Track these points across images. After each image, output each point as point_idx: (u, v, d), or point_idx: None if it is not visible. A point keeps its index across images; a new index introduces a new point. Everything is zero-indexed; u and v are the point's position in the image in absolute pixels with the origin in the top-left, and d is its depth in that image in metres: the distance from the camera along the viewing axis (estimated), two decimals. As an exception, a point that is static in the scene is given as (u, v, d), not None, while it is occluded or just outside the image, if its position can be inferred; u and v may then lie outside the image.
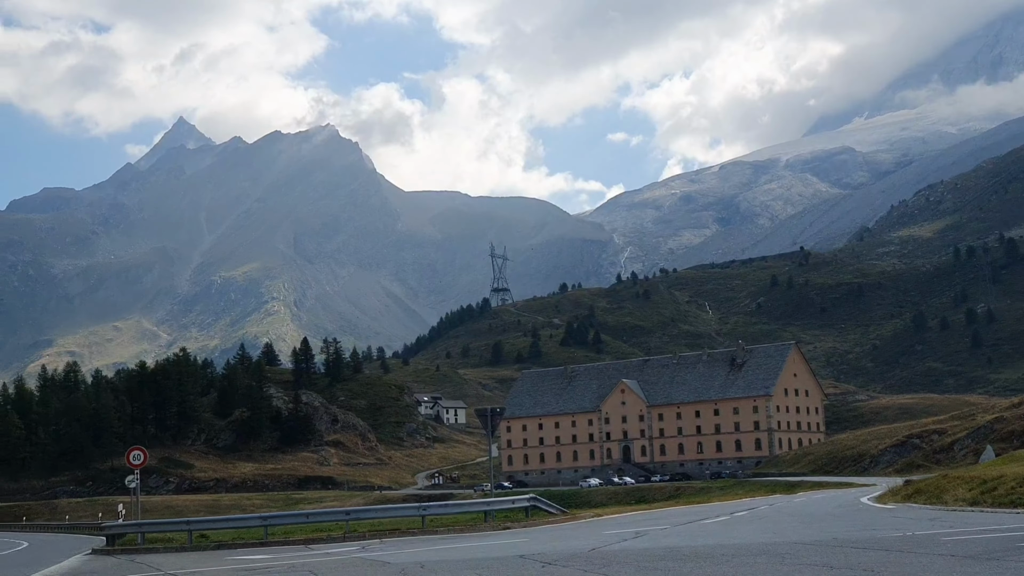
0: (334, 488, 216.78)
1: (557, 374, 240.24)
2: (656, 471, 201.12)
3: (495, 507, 52.53)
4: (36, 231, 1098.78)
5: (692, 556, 24.58)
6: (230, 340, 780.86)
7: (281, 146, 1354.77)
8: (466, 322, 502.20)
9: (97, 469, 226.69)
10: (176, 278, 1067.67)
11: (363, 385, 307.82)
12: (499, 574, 22.57)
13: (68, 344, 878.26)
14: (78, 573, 33.30)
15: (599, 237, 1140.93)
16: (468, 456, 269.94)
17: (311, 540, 46.43)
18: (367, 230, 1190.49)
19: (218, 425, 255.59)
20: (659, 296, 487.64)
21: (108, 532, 54.38)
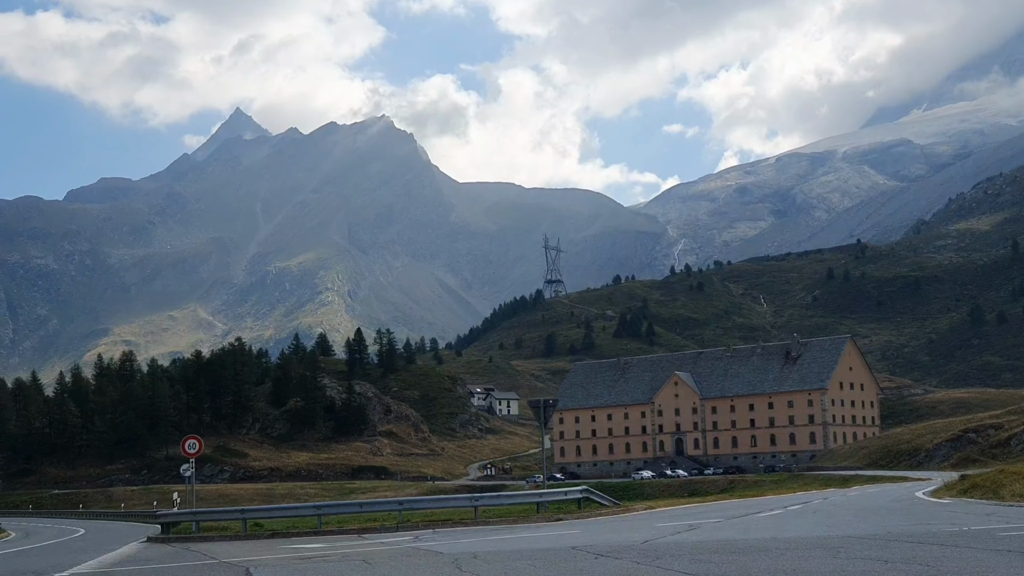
0: (387, 478, 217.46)
1: (610, 366, 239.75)
2: (709, 464, 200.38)
3: (548, 498, 52.54)
4: (94, 221, 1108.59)
5: (745, 549, 24.49)
6: (285, 330, 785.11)
7: (336, 137, 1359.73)
8: (519, 313, 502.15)
9: (152, 458, 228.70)
10: (232, 268, 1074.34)
11: (416, 376, 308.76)
12: (552, 565, 22.57)
13: (124, 333, 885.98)
14: (134, 560, 33.61)
15: (653, 229, 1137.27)
16: (520, 447, 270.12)
17: (365, 529, 46.59)
18: (421, 221, 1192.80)
19: (272, 414, 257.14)
20: (713, 288, 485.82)
21: (163, 520, 54.85)
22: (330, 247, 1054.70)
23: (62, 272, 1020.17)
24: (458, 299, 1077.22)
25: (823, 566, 20.19)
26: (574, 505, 53.00)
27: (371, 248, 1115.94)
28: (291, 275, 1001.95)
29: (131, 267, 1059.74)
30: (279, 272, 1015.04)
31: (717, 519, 40.03)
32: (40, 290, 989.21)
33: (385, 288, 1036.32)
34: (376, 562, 26.37)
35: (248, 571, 25.69)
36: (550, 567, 22.22)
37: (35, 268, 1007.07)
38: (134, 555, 36.64)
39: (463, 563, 24.32)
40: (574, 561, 23.26)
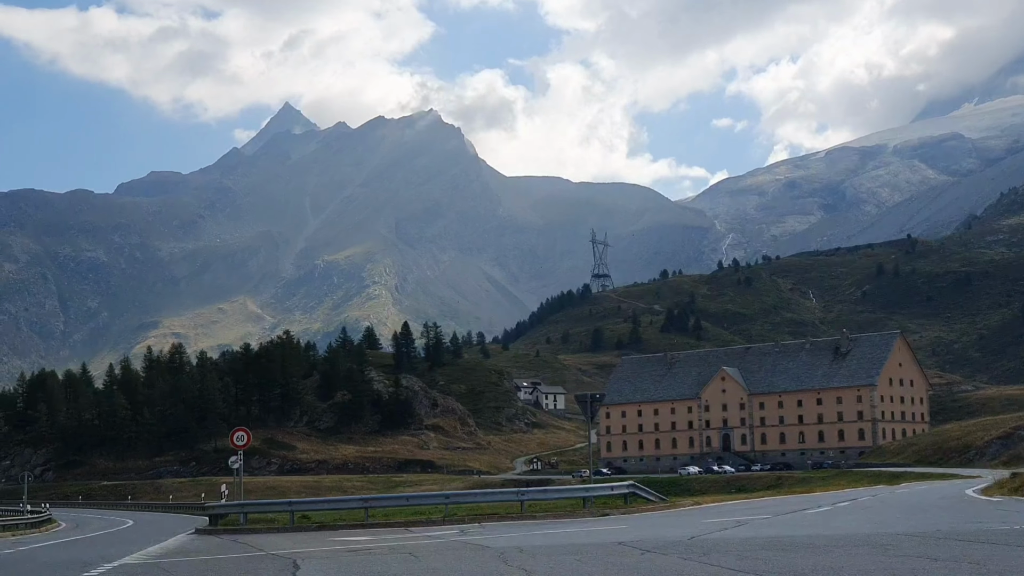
0: (433, 472, 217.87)
1: (657, 360, 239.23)
2: (756, 460, 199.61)
3: (594, 493, 52.48)
4: (144, 214, 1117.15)
5: (793, 546, 24.34)
6: (332, 323, 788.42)
7: (384, 131, 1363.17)
8: (566, 308, 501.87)
9: (201, 450, 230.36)
10: (280, 262, 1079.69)
11: (463, 370, 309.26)
12: (598, 560, 22.53)
13: (174, 326, 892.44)
14: (182, 552, 33.82)
15: (701, 223, 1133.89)
16: (567, 442, 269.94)
17: (411, 523, 46.68)
18: (468, 215, 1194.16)
19: (320, 407, 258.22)
20: (761, 283, 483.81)
21: (211, 512, 55.17)
22: (377, 241, 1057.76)
23: (112, 265, 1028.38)
24: (505, 293, 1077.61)
25: (871, 563, 20.04)
26: (620, 500, 52.93)
27: (418, 242, 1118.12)
28: (339, 269, 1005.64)
29: (181, 260, 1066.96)
30: (327, 266, 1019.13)
31: (765, 515, 39.84)
32: (90, 283, 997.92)
33: (432, 282, 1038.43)
34: (422, 555, 26.42)
35: (295, 563, 25.80)
36: (596, 562, 22.18)
37: (86, 261, 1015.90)
38: (182, 547, 36.88)
39: (509, 557, 24.32)
40: (620, 556, 23.21)
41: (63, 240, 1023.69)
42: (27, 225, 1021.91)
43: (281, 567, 25.29)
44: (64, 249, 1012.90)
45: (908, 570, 18.83)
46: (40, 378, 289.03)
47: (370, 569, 23.37)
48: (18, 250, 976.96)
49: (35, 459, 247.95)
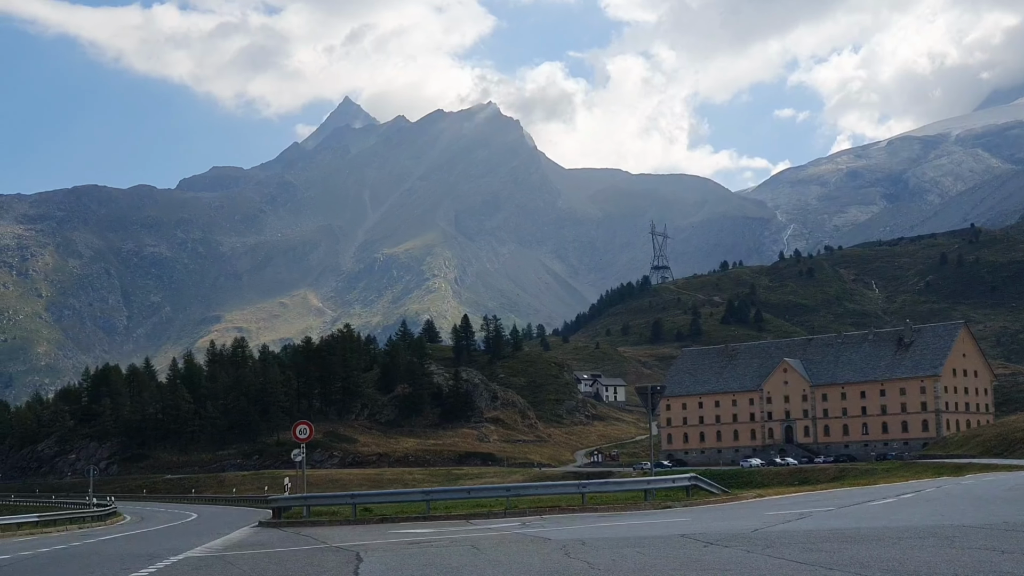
0: (494, 464, 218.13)
1: (718, 352, 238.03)
2: (819, 452, 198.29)
3: (655, 486, 52.31)
4: (206, 209, 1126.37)
5: (857, 538, 24.17)
6: (392, 316, 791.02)
7: (443, 124, 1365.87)
8: (626, 300, 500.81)
9: (264, 443, 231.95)
10: (340, 255, 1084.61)
11: (523, 362, 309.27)
12: (660, 553, 22.45)
13: (236, 320, 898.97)
14: (246, 545, 34.06)
15: (761, 214, 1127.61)
16: (627, 434, 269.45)
17: (472, 515, 46.77)
18: (527, 208, 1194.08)
19: (381, 400, 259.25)
20: (823, 274, 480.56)
21: (274, 505, 55.53)
22: (437, 234, 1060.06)
23: (175, 260, 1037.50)
24: (564, 285, 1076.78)
25: (937, 555, 19.85)
26: (682, 493, 52.72)
27: (478, 235, 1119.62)
28: (398, 262, 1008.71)
29: (243, 255, 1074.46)
30: (387, 259, 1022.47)
31: (828, 507, 39.56)
32: (153, 277, 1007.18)
33: (492, 275, 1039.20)
34: (484, 547, 26.45)
35: (358, 555, 25.92)
36: (659, 555, 22.12)
37: (149, 256, 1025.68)
38: (246, 539, 37.15)
39: (571, 550, 24.30)
40: (683, 549, 23.13)
41: (126, 235, 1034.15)
42: (91, 221, 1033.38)
43: (344, 560, 25.41)
44: (127, 244, 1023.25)
45: (974, 562, 18.64)
46: (104, 373, 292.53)
47: (432, 561, 23.43)
48: (82, 246, 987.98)
49: (100, 453, 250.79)
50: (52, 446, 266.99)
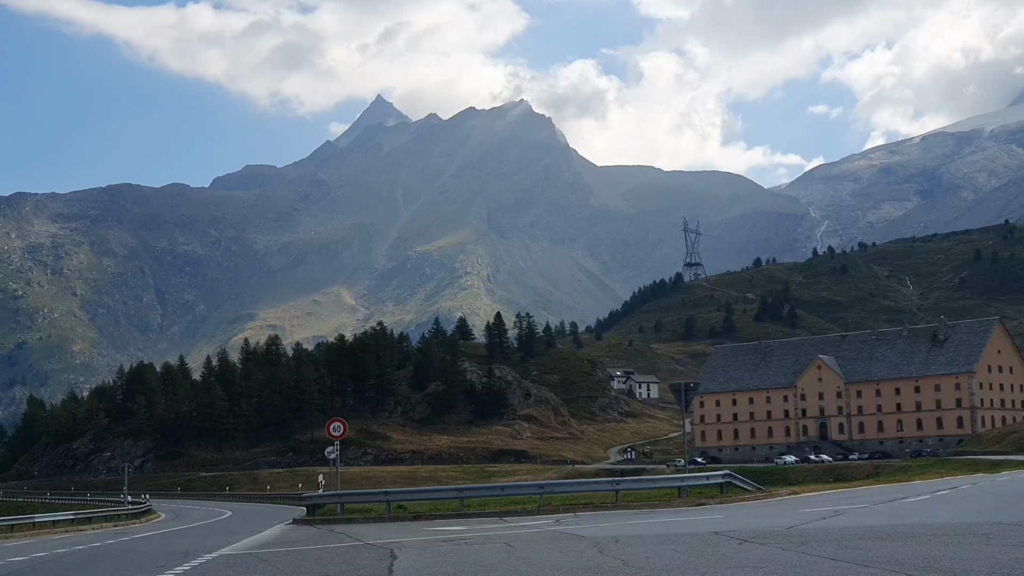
0: (527, 461, 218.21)
1: (751, 349, 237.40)
2: (854, 449, 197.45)
3: (689, 483, 52.23)
4: (239, 207, 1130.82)
5: (893, 535, 24.06)
6: (425, 314, 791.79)
7: (475, 122, 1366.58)
8: (659, 297, 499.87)
9: (298, 440, 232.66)
10: (373, 253, 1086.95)
11: (556, 360, 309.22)
12: (695, 550, 22.40)
13: (270, 318, 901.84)
14: (280, 542, 34.18)
15: (794, 211, 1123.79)
16: (660, 431, 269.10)
17: (506, 512, 46.79)
18: (560, 205, 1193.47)
19: (414, 398, 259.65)
20: (857, 270, 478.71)
21: (308, 502, 55.72)
22: (469, 231, 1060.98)
23: (209, 258, 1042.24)
24: (597, 283, 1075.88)
25: (974, 553, 19.74)
26: (716, 490, 52.59)
27: (510, 232, 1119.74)
28: (431, 259, 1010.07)
29: (276, 253, 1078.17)
30: (419, 257, 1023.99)
31: (863, 505, 39.40)
32: (187, 276, 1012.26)
33: (524, 272, 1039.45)
34: (518, 545, 26.46)
35: (393, 553, 25.97)
36: (693, 552, 22.07)
37: (182, 254, 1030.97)
38: (280, 536, 37.29)
39: (605, 547, 24.28)
40: (717, 546, 23.08)
41: (160, 234, 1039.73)
42: (125, 220, 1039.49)
43: (379, 557, 25.46)
44: (161, 243, 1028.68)
45: (1011, 560, 18.52)
46: (139, 371, 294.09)
47: (467, 559, 23.45)
48: (116, 244, 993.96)
49: (135, 451, 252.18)
50: (87, 444, 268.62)
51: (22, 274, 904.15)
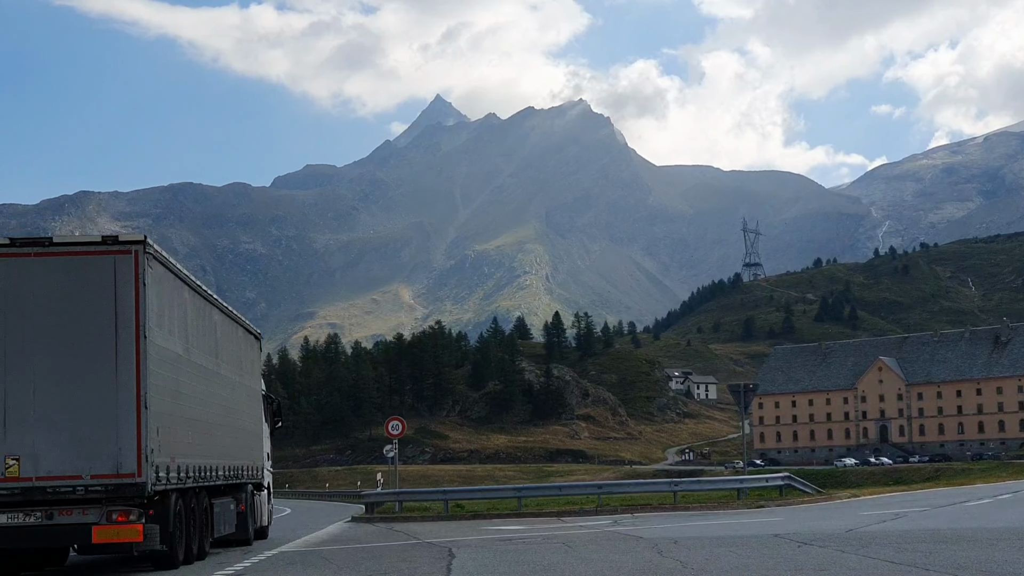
0: (584, 462, 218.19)
1: (811, 350, 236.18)
2: (914, 452, 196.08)
3: (748, 485, 52.06)
4: (299, 206, 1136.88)
5: (954, 539, 23.91)
6: (483, 313, 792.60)
7: (534, 121, 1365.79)
8: (717, 297, 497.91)
9: (356, 438, 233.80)
10: (432, 252, 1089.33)
11: (614, 359, 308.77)
12: (754, 553, 22.35)
13: (329, 316, 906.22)
14: (339, 539, 34.41)
15: (855, 211, 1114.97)
16: (719, 432, 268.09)
17: (563, 512, 46.82)
18: (618, 205, 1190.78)
19: (472, 397, 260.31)
20: (919, 271, 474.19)
21: (367, 500, 55.98)
22: (528, 231, 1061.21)
23: (270, 257, 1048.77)
24: (655, 282, 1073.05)
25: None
26: (775, 492, 52.39)
27: (569, 232, 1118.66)
28: (489, 259, 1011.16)
29: (336, 251, 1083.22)
30: (477, 256, 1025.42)
31: (924, 508, 39.13)
32: (248, 274, 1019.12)
33: (583, 271, 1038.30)
34: (576, 545, 26.50)
35: (451, 551, 26.08)
36: (752, 554, 22.03)
37: (244, 253, 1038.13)
38: (339, 534, 37.53)
39: (663, 548, 24.28)
40: (776, 548, 23.01)
41: (222, 233, 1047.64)
42: (186, 218, 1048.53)
43: (437, 555, 25.58)
44: (222, 242, 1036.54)
45: (1076, 566, 18.35)
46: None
47: (525, 558, 23.52)
48: (178, 243, 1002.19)
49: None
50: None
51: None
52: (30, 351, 20.44)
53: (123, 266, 20.79)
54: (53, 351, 20.50)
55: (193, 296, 24.81)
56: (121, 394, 20.43)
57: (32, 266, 20.84)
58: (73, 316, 20.65)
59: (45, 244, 21.14)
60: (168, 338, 22.11)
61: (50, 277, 20.78)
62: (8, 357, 20.38)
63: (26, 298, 20.63)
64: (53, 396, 20.36)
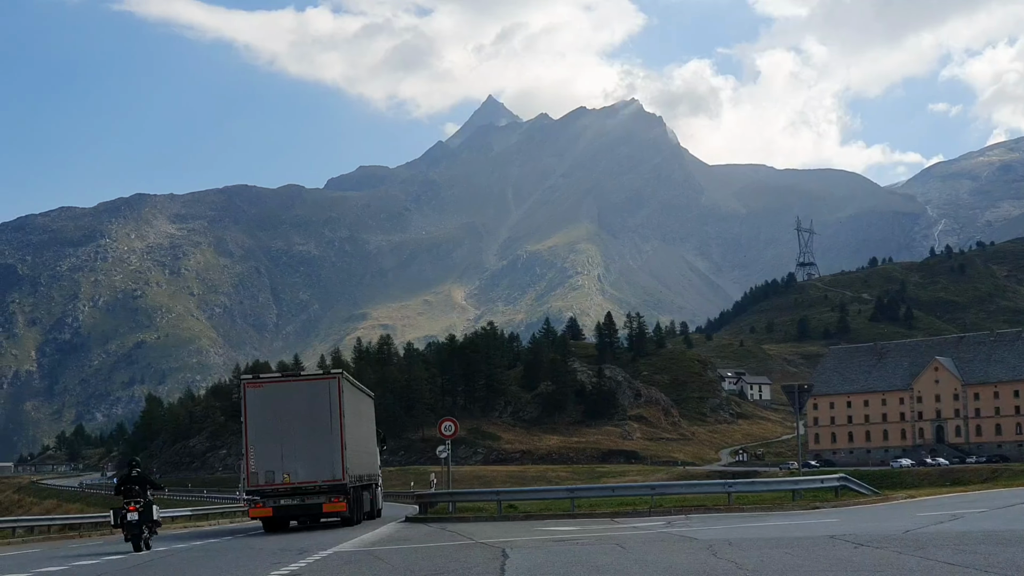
0: (637, 462, 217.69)
1: (866, 350, 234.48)
2: (971, 452, 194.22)
3: (803, 486, 51.73)
4: (353, 208, 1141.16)
5: (1013, 540, 23.64)
6: (535, 314, 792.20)
7: (586, 121, 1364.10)
8: (770, 297, 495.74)
9: (409, 439, 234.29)
10: (484, 253, 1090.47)
11: (666, 360, 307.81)
12: (809, 554, 22.20)
13: (382, 317, 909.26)
14: (393, 540, 34.48)
15: (911, 209, 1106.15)
16: (772, 433, 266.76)
17: (616, 513, 46.70)
18: (670, 204, 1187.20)
19: (524, 398, 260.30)
20: (975, 270, 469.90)
21: (421, 500, 56.13)
22: (580, 231, 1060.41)
23: (323, 258, 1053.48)
24: (708, 282, 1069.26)
25: (1099, 561, 19.33)
26: (831, 493, 52.00)
27: (621, 232, 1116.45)
28: (541, 259, 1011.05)
29: (388, 253, 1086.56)
30: (529, 256, 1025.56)
31: (981, 509, 38.72)
32: (302, 275, 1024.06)
33: (635, 272, 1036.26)
34: (630, 546, 26.42)
35: (504, 552, 26.07)
36: (807, 556, 21.88)
37: (297, 254, 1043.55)
38: (393, 534, 37.61)
39: (718, 549, 24.16)
40: (832, 550, 22.85)
41: (276, 234, 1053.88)
42: (241, 220, 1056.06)
43: (491, 556, 25.58)
44: (276, 243, 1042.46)
45: None
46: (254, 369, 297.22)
47: (579, 559, 23.49)
48: (232, 245, 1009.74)
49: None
50: (203, 441, 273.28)
51: (141, 274, 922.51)
52: (294, 425, 43.45)
53: (334, 384, 44.21)
54: (304, 424, 43.64)
55: (356, 392, 50.01)
56: (334, 443, 43.40)
57: (293, 386, 45.29)
58: (312, 408, 43.78)
59: (299, 375, 50.57)
60: (351, 416, 45.09)
61: (301, 390, 44.93)
62: (285, 428, 43.23)
63: (291, 401, 44.02)
64: (304, 445, 43.43)
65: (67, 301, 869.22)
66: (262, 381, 45.63)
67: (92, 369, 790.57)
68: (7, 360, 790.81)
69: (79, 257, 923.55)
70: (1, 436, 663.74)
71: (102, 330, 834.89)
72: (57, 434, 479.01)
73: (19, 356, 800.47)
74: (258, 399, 44.30)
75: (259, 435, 43.75)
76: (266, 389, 44.65)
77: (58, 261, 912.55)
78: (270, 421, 43.61)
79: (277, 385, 45.14)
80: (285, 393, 44.44)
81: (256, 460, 43.52)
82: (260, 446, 43.58)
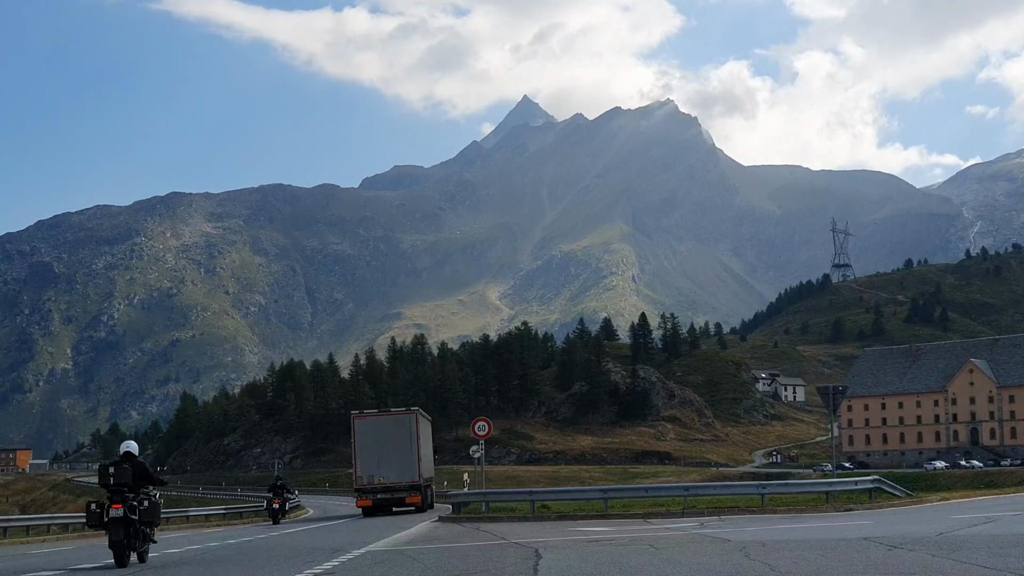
0: (670, 463, 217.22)
1: (901, 352, 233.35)
2: (1006, 455, 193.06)
3: (837, 488, 51.56)
4: (387, 207, 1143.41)
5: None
6: (569, 314, 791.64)
7: (621, 122, 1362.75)
8: (805, 298, 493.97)
9: (443, 439, 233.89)
10: (518, 253, 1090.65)
11: (700, 361, 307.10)
12: (843, 556, 22.17)
13: (416, 317, 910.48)
14: (426, 539, 34.58)
15: (947, 211, 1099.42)
16: (806, 435, 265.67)
17: (650, 514, 46.68)
18: (705, 205, 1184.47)
19: (558, 398, 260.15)
20: (1011, 272, 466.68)
21: (454, 500, 56.23)
22: (614, 231, 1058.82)
23: (357, 257, 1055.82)
24: (742, 283, 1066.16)
25: None
26: (865, 495, 51.82)
27: (655, 232, 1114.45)
28: (576, 259, 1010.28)
29: (422, 252, 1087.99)
30: (564, 256, 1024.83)
31: (1017, 511, 38.54)
32: (337, 275, 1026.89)
33: (669, 272, 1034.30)
34: (663, 547, 26.44)
35: (538, 552, 26.13)
36: (841, 558, 21.86)
37: (332, 254, 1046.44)
38: (426, 533, 37.72)
39: (751, 551, 24.16)
40: (866, 552, 22.81)
41: (311, 233, 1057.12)
42: (276, 219, 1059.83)
43: (524, 556, 25.65)
44: (311, 242, 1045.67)
45: None
46: (289, 368, 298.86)
47: (612, 560, 23.52)
48: (268, 244, 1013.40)
49: (284, 447, 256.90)
50: (238, 440, 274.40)
51: (176, 273, 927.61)
52: (387, 447, 64.55)
53: (412, 417, 66.19)
54: (393, 446, 64.54)
55: (423, 420, 69.66)
56: (412, 457, 64.45)
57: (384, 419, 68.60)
58: (398, 432, 65.24)
59: (389, 411, 78.34)
60: (422, 438, 66.25)
61: (390, 420, 67.57)
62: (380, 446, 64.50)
63: (384, 427, 66.14)
64: (392, 457, 64.23)
65: (103, 299, 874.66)
66: (365, 415, 68.71)
67: (127, 367, 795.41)
68: (43, 358, 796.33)
69: (115, 255, 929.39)
70: (36, 434, 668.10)
71: (137, 328, 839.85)
72: (92, 432, 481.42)
73: (55, 354, 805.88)
74: (362, 426, 65.57)
75: (363, 450, 64.58)
76: (368, 419, 67.12)
77: (94, 259, 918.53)
78: (370, 441, 64.70)
79: (375, 417, 68.74)
80: (380, 422, 67.09)
81: (361, 467, 64.38)
82: (364, 458, 64.44)
